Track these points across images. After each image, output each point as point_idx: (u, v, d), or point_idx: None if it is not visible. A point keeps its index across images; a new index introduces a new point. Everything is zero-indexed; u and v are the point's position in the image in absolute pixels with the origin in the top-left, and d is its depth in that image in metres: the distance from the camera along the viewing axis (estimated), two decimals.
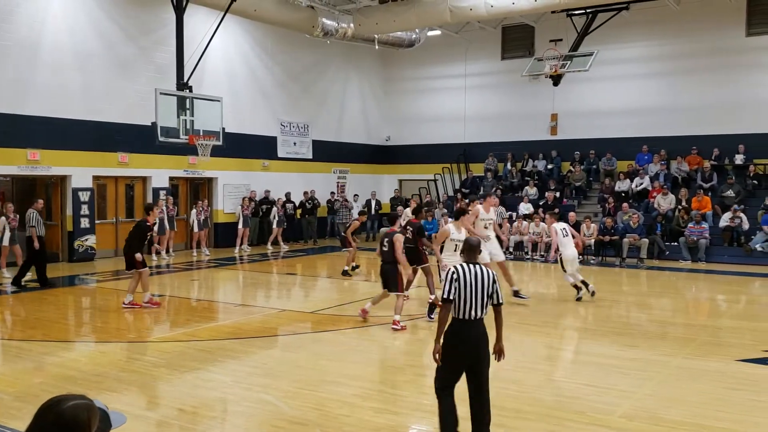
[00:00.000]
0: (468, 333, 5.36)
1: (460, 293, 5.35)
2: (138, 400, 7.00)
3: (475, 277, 5.40)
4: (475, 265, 5.51)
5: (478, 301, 5.36)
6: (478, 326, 5.38)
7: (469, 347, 5.36)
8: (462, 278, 5.37)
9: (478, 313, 5.37)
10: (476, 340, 5.36)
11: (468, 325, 5.36)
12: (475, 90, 26.82)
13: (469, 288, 5.35)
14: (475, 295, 5.36)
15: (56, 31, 17.52)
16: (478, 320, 5.39)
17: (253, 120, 23.03)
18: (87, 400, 2.44)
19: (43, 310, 11.83)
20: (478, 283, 5.39)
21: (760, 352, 8.75)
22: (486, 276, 5.45)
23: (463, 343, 5.36)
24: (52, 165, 17.50)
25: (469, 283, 5.37)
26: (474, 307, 5.35)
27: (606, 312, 11.96)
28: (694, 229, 18.63)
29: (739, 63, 21.93)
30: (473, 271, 5.43)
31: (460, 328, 5.37)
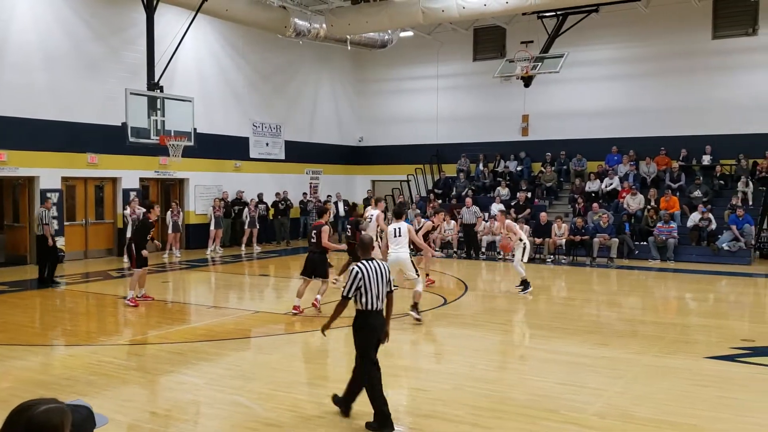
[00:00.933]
0: (373, 322, 6.08)
1: (367, 289, 5.99)
2: (110, 403, 6.92)
3: (376, 273, 6.05)
4: (372, 262, 6.13)
5: (380, 293, 6.06)
6: (380, 316, 6.13)
7: (377, 332, 6.11)
8: (366, 276, 5.99)
9: (379, 304, 6.08)
10: (380, 327, 6.13)
11: (373, 315, 6.06)
12: (448, 91, 26.93)
13: (373, 284, 6.00)
14: (377, 288, 6.03)
15: (23, 30, 17.24)
16: (380, 311, 6.12)
17: (225, 120, 22.89)
18: (59, 404, 2.41)
19: (10, 314, 11.63)
20: (379, 278, 6.06)
21: (728, 350, 8.91)
22: (384, 270, 6.13)
23: (373, 330, 6.09)
24: (19, 166, 17.23)
25: (373, 279, 6.01)
26: (377, 299, 6.05)
27: (577, 311, 12.09)
28: (662, 229, 18.90)
29: (706, 65, 22.32)
30: (373, 268, 6.06)
31: (369, 319, 6.06)
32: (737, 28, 21.94)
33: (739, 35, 21.87)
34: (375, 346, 6.13)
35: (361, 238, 6.51)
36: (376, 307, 6.06)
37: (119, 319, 11.68)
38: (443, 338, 9.92)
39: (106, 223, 19.74)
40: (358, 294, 6.04)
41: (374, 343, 6.12)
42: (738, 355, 8.66)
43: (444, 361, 8.71)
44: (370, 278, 6.00)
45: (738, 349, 8.93)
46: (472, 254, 20.10)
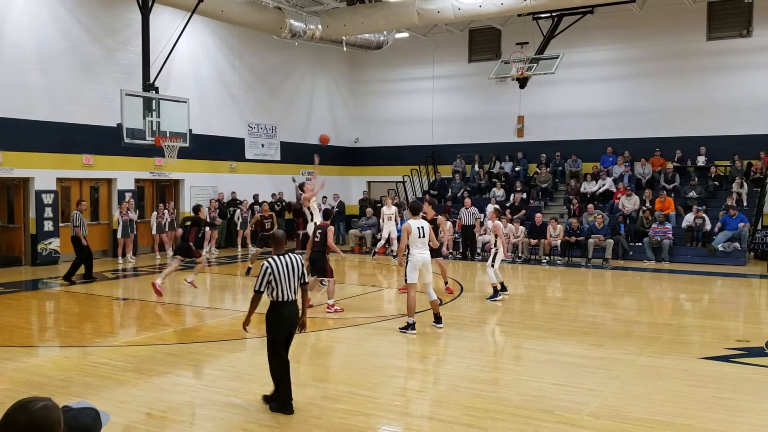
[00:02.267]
0: (285, 312, 6.45)
1: (278, 282, 6.37)
2: (105, 404, 6.90)
3: (287, 267, 6.43)
4: (285, 256, 6.52)
5: (292, 285, 6.46)
6: (293, 307, 6.52)
7: (288, 322, 6.49)
8: (276, 270, 6.38)
9: (292, 295, 6.47)
10: (292, 317, 6.51)
11: (285, 306, 6.44)
12: (443, 92, 26.96)
13: (283, 276, 6.39)
14: (288, 281, 6.42)
15: (18, 30, 17.21)
16: (293, 301, 6.50)
17: (221, 121, 22.88)
18: (53, 402, 2.42)
19: (5, 315, 11.60)
20: (290, 270, 6.44)
21: (723, 350, 8.94)
22: (296, 263, 6.52)
23: (284, 321, 6.46)
24: (14, 167, 17.19)
25: (283, 272, 6.39)
26: (289, 291, 6.44)
27: (572, 312, 12.11)
28: (657, 230, 18.95)
29: (701, 67, 22.40)
30: (284, 262, 6.44)
31: (281, 309, 6.44)
32: (732, 30, 22.02)
33: (734, 37, 21.95)
34: (286, 335, 6.52)
35: (274, 234, 6.84)
36: (288, 298, 6.45)
37: (114, 321, 11.67)
38: (438, 339, 9.93)
39: (102, 225, 19.69)
40: (270, 287, 6.42)
41: (285, 332, 6.50)
42: (733, 355, 8.69)
43: (439, 362, 8.73)
44: (281, 271, 6.39)
45: (733, 350, 8.96)
46: (468, 255, 20.11)
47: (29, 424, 2.32)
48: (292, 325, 6.56)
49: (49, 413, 2.36)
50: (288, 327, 6.52)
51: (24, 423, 2.32)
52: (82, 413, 2.48)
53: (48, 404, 2.39)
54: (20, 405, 2.36)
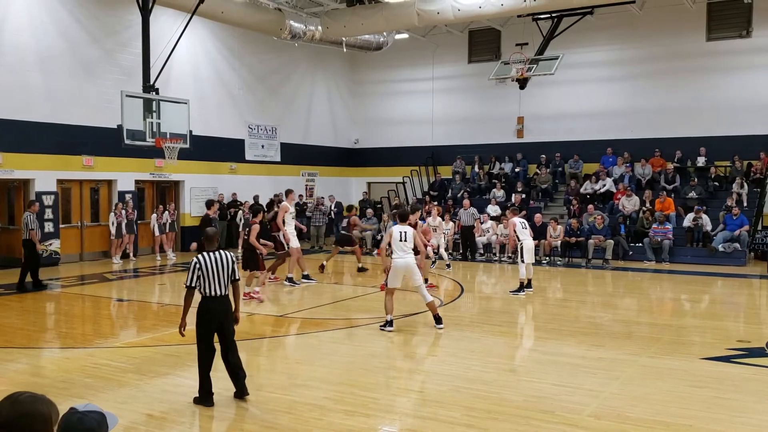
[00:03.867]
0: (215, 307, 6.65)
1: (206, 277, 6.56)
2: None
3: (216, 263, 6.62)
4: (215, 252, 6.70)
5: (221, 281, 6.64)
6: (224, 302, 6.71)
7: (217, 317, 6.67)
8: (205, 266, 6.57)
9: (222, 290, 6.66)
10: (222, 312, 6.70)
11: (215, 301, 6.63)
12: (443, 93, 26.98)
13: (212, 272, 6.58)
14: (218, 276, 6.60)
15: (18, 31, 17.22)
16: (224, 296, 6.69)
17: (221, 122, 22.89)
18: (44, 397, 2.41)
19: (6, 316, 11.61)
20: (220, 267, 6.62)
21: (723, 351, 8.94)
22: (226, 260, 6.70)
23: (212, 315, 6.65)
24: (14, 168, 17.20)
25: (212, 268, 6.58)
26: (219, 286, 6.62)
27: (573, 312, 12.12)
28: (658, 230, 18.95)
29: (700, 67, 22.42)
30: (214, 258, 6.64)
31: (210, 304, 6.64)
32: (731, 30, 22.03)
33: (733, 37, 21.97)
34: (215, 329, 6.73)
35: (206, 231, 6.96)
36: (218, 294, 6.64)
37: (115, 322, 11.67)
38: (439, 340, 9.93)
39: (102, 226, 19.69)
40: (200, 282, 6.60)
41: (213, 326, 6.71)
42: (733, 356, 8.69)
43: (440, 363, 8.72)
44: (209, 267, 6.59)
45: (733, 350, 8.96)
46: (468, 255, 20.10)
47: (11, 414, 2.31)
48: (223, 321, 6.72)
49: (34, 407, 2.35)
50: (217, 322, 6.69)
51: (6, 414, 2.31)
52: (88, 416, 2.47)
53: (36, 397, 2.37)
54: (7, 396, 2.36)
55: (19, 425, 2.31)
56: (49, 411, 2.38)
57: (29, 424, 2.32)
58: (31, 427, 2.33)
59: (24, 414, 2.32)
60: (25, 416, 2.32)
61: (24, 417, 2.32)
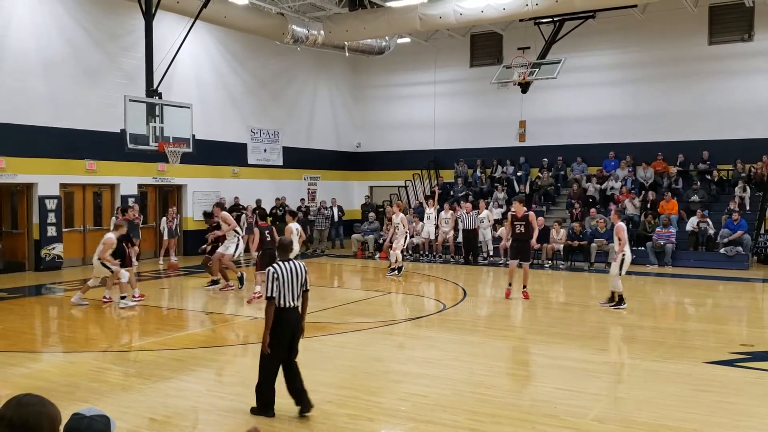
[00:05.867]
0: (289, 318, 6.41)
1: (281, 288, 6.33)
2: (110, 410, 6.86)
3: (291, 273, 6.41)
4: (289, 262, 6.48)
5: (295, 292, 6.43)
6: (296, 312, 6.50)
7: (290, 328, 6.43)
8: (281, 276, 6.33)
9: (295, 301, 6.46)
10: (295, 323, 6.48)
11: (288, 312, 6.41)
12: (445, 97, 27.00)
13: (287, 282, 6.37)
14: (292, 287, 6.40)
15: (21, 36, 17.26)
16: (296, 308, 6.48)
17: (223, 127, 22.92)
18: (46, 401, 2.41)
19: (9, 320, 11.62)
20: (294, 277, 6.42)
21: (727, 354, 8.93)
22: (300, 270, 6.51)
23: (286, 326, 6.40)
24: (17, 172, 17.22)
25: (287, 278, 6.37)
26: (293, 297, 6.42)
27: (576, 316, 12.11)
28: (661, 234, 18.94)
29: (702, 71, 22.42)
30: (288, 268, 6.41)
31: (284, 315, 6.39)
32: (733, 34, 22.03)
33: (735, 41, 21.97)
34: (288, 341, 6.44)
35: (281, 241, 6.90)
36: (291, 305, 6.44)
37: (118, 326, 11.68)
38: (442, 344, 9.93)
39: (105, 230, 19.65)
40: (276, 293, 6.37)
41: (287, 338, 6.42)
42: (737, 359, 8.69)
43: (443, 367, 8.71)
44: (284, 277, 6.35)
45: (737, 354, 8.95)
46: (471, 259, 20.10)
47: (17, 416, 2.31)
48: (295, 331, 6.51)
49: (41, 409, 2.35)
50: (290, 333, 6.46)
51: (13, 416, 2.32)
52: (96, 420, 2.48)
53: (42, 399, 2.38)
54: (12, 398, 2.37)
55: (27, 426, 2.32)
56: (56, 413, 2.39)
57: (36, 426, 2.33)
58: (39, 428, 2.33)
59: (31, 415, 2.33)
60: (32, 417, 2.33)
61: (31, 418, 2.32)
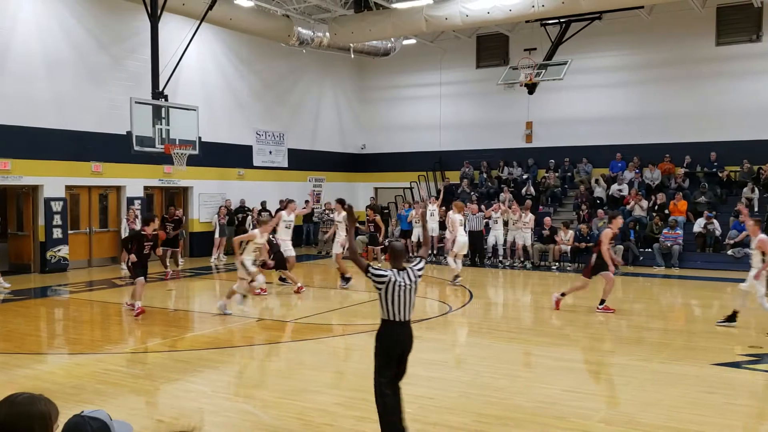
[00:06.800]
0: (400, 333, 5.69)
1: (391, 299, 5.60)
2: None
3: (405, 283, 5.65)
4: (402, 271, 5.72)
5: (408, 305, 5.67)
6: (408, 327, 5.75)
7: (401, 345, 5.71)
8: (393, 284, 5.59)
9: (408, 315, 5.71)
10: (407, 340, 5.73)
11: (400, 327, 5.68)
12: (451, 98, 26.97)
13: (400, 294, 5.61)
14: (405, 300, 5.64)
15: (26, 39, 17.30)
16: (408, 322, 5.73)
17: (229, 129, 22.95)
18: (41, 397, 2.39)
19: (15, 322, 11.64)
20: (409, 288, 5.67)
21: (735, 356, 8.89)
22: (415, 280, 5.73)
23: (396, 343, 5.69)
24: (23, 174, 17.26)
25: (400, 289, 5.61)
26: (405, 311, 5.67)
27: (583, 318, 12.06)
28: (668, 235, 18.87)
29: (710, 72, 22.33)
30: (402, 278, 5.67)
31: (395, 330, 5.68)
32: (741, 35, 21.95)
33: (743, 42, 21.88)
34: (396, 359, 5.68)
35: (393, 246, 5.97)
36: (403, 319, 5.66)
37: (124, 328, 11.69)
38: (449, 346, 9.91)
39: (111, 232, 19.76)
40: (382, 304, 5.66)
41: (395, 355, 5.67)
42: (745, 361, 8.64)
43: (450, 369, 8.69)
44: (397, 287, 5.59)
45: (745, 356, 8.90)
46: (477, 261, 20.06)
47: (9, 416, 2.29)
48: (405, 349, 5.73)
49: (32, 407, 2.32)
50: (400, 350, 5.71)
51: (4, 416, 2.29)
52: (86, 422, 2.41)
53: (34, 397, 2.35)
54: (5, 398, 2.34)
55: (17, 427, 2.29)
56: (48, 410, 2.34)
57: (28, 425, 2.30)
58: (30, 428, 2.30)
59: (22, 415, 2.30)
60: (22, 417, 2.30)
61: (22, 418, 2.30)
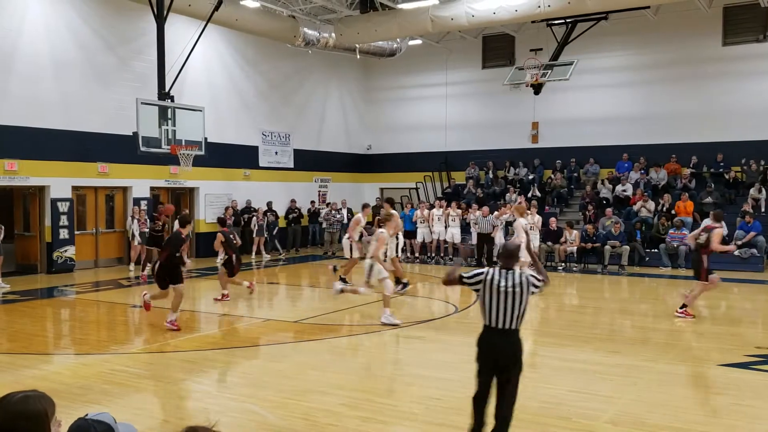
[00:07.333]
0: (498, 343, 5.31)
1: (491, 302, 5.24)
2: (123, 411, 6.92)
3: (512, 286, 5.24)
4: (510, 272, 5.33)
5: (513, 311, 5.22)
6: (512, 339, 5.30)
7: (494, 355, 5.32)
8: (491, 284, 5.25)
9: (512, 323, 5.25)
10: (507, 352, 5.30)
11: (500, 336, 5.28)
12: (457, 99, 26.96)
13: (502, 297, 5.22)
14: (508, 304, 5.21)
15: (33, 40, 17.36)
16: (513, 331, 5.29)
17: (235, 129, 22.98)
18: (39, 393, 2.38)
19: (21, 323, 11.68)
20: (515, 292, 5.23)
21: (742, 357, 8.84)
22: (525, 285, 5.28)
23: (492, 352, 5.33)
24: (30, 175, 17.32)
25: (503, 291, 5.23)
26: (508, 317, 5.23)
27: (589, 318, 12.04)
28: (675, 235, 18.81)
29: (717, 72, 22.26)
30: (506, 278, 5.28)
31: (493, 338, 5.32)
32: (748, 35, 21.88)
33: (750, 41, 21.81)
34: (493, 370, 5.34)
35: (506, 245, 5.60)
36: (505, 326, 5.24)
37: (130, 328, 11.72)
38: (455, 346, 9.89)
39: (117, 232, 19.80)
40: (480, 304, 5.40)
41: (490, 364, 5.36)
42: (752, 362, 8.60)
43: (456, 369, 8.67)
44: (499, 289, 5.23)
45: (752, 357, 8.86)
46: (484, 263, 20.02)
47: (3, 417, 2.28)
48: (508, 364, 5.28)
49: (26, 407, 2.31)
50: (492, 360, 5.33)
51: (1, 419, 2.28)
52: (90, 425, 2.41)
53: (29, 395, 2.33)
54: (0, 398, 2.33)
55: (14, 428, 2.28)
56: (44, 407, 2.33)
57: (24, 426, 2.29)
58: (26, 427, 2.29)
59: (18, 416, 2.29)
60: (19, 418, 2.28)
61: (18, 419, 2.28)
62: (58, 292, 15.30)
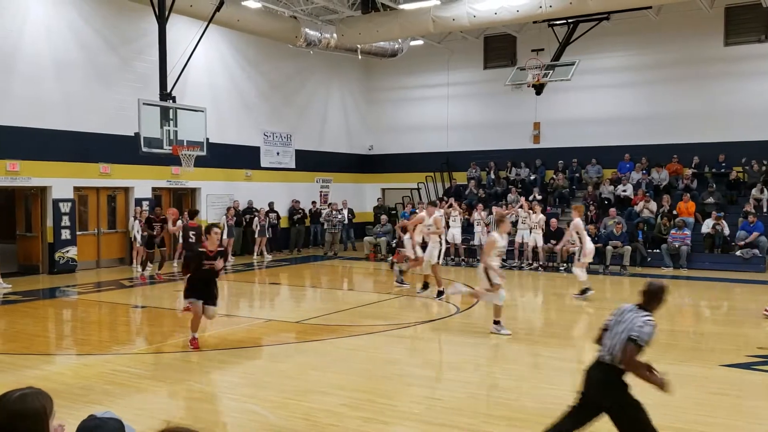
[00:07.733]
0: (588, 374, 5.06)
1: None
2: (124, 412, 6.90)
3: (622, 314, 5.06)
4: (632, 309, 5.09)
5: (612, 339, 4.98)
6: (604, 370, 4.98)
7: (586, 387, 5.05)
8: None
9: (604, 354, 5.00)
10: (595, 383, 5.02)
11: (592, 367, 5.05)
12: (458, 99, 26.96)
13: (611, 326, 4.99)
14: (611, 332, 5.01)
15: (35, 40, 17.36)
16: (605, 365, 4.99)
17: (237, 130, 22.99)
18: (36, 389, 2.37)
19: (23, 323, 11.68)
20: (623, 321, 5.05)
21: (743, 357, 8.83)
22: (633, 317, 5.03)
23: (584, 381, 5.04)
24: (32, 176, 17.33)
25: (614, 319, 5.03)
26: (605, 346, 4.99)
27: (591, 319, 12.03)
28: (676, 236, 18.80)
29: (718, 72, 22.23)
30: (621, 311, 5.09)
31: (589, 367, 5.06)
32: (750, 35, 21.86)
33: (752, 42, 21.79)
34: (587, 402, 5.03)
35: (651, 283, 5.40)
36: (598, 356, 5.01)
37: (132, 329, 11.73)
38: (456, 347, 9.89)
39: (119, 233, 19.81)
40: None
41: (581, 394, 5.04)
42: (754, 363, 8.59)
43: (457, 370, 8.68)
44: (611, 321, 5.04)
45: (754, 357, 8.85)
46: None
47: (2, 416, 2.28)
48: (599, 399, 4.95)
49: (24, 405, 2.31)
50: (582, 392, 5.00)
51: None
52: (107, 423, 2.43)
53: (26, 393, 2.34)
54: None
55: (13, 427, 2.28)
56: (42, 405, 2.32)
57: (23, 425, 2.29)
58: (25, 426, 2.29)
59: (16, 415, 2.29)
60: (17, 417, 2.28)
61: (17, 418, 2.28)
62: (59, 293, 15.31)
